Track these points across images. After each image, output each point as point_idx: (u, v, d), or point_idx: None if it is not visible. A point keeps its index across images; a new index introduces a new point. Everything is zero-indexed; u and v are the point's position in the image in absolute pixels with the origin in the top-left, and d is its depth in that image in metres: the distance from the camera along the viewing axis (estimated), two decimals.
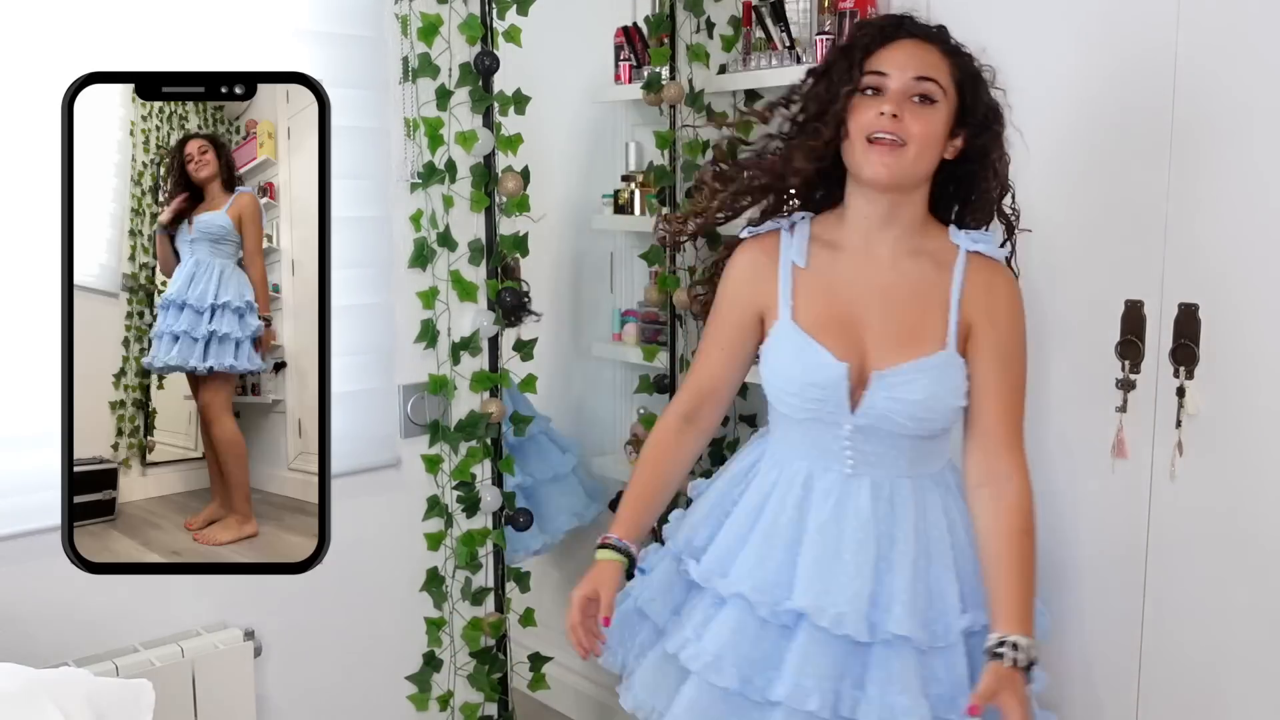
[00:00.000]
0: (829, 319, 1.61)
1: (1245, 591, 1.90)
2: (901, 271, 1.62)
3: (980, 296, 1.61)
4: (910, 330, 1.60)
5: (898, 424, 1.58)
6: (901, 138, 1.53)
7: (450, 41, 2.19)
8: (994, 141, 1.62)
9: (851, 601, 1.54)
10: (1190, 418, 1.92)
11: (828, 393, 1.58)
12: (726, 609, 1.60)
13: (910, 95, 1.55)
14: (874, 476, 1.61)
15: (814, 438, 1.63)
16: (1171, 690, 2.00)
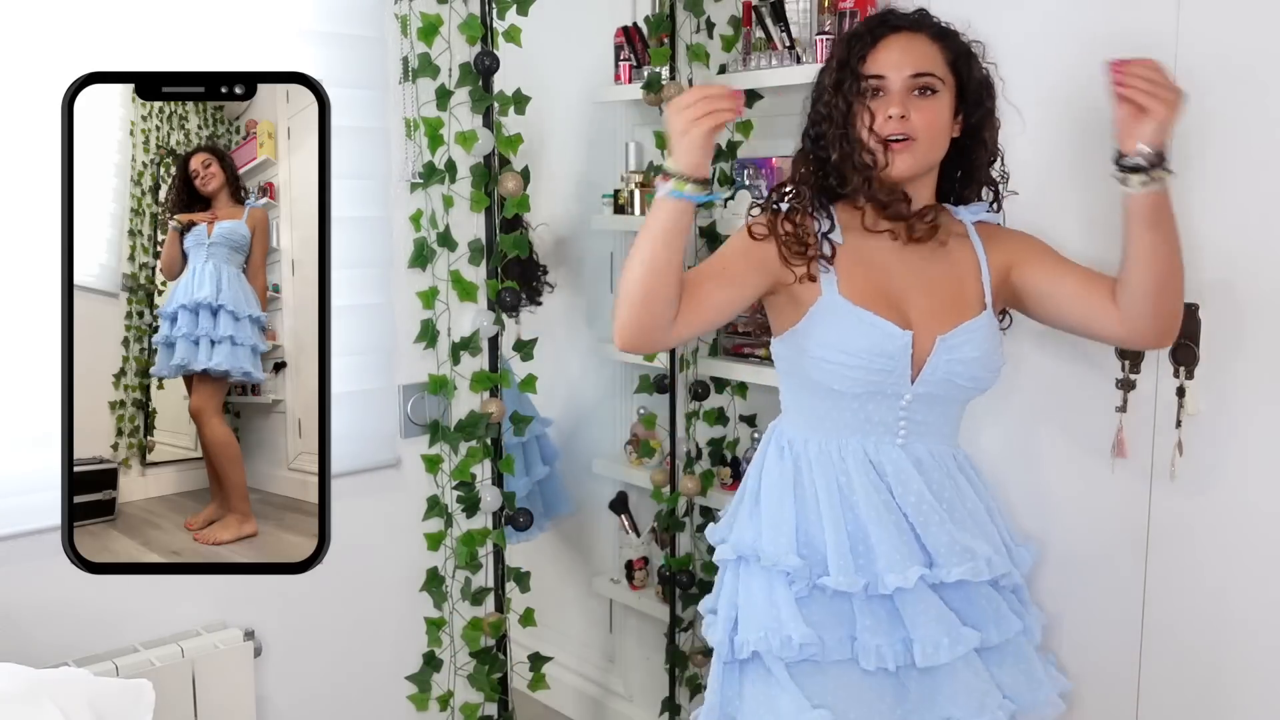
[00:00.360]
0: (875, 292, 1.64)
1: (1245, 591, 1.90)
2: (928, 248, 1.69)
3: (999, 248, 1.72)
4: (953, 297, 1.68)
5: (957, 387, 1.66)
6: (912, 134, 1.59)
7: (450, 41, 2.19)
8: (987, 117, 1.70)
9: (984, 546, 1.66)
10: (1190, 418, 1.92)
11: (894, 362, 1.61)
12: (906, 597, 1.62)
13: (911, 90, 1.60)
14: (926, 444, 1.69)
15: (868, 412, 1.65)
16: (1171, 690, 2.00)
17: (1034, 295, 1.72)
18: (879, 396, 1.64)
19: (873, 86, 1.61)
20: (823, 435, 1.68)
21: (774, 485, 1.69)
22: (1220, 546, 1.92)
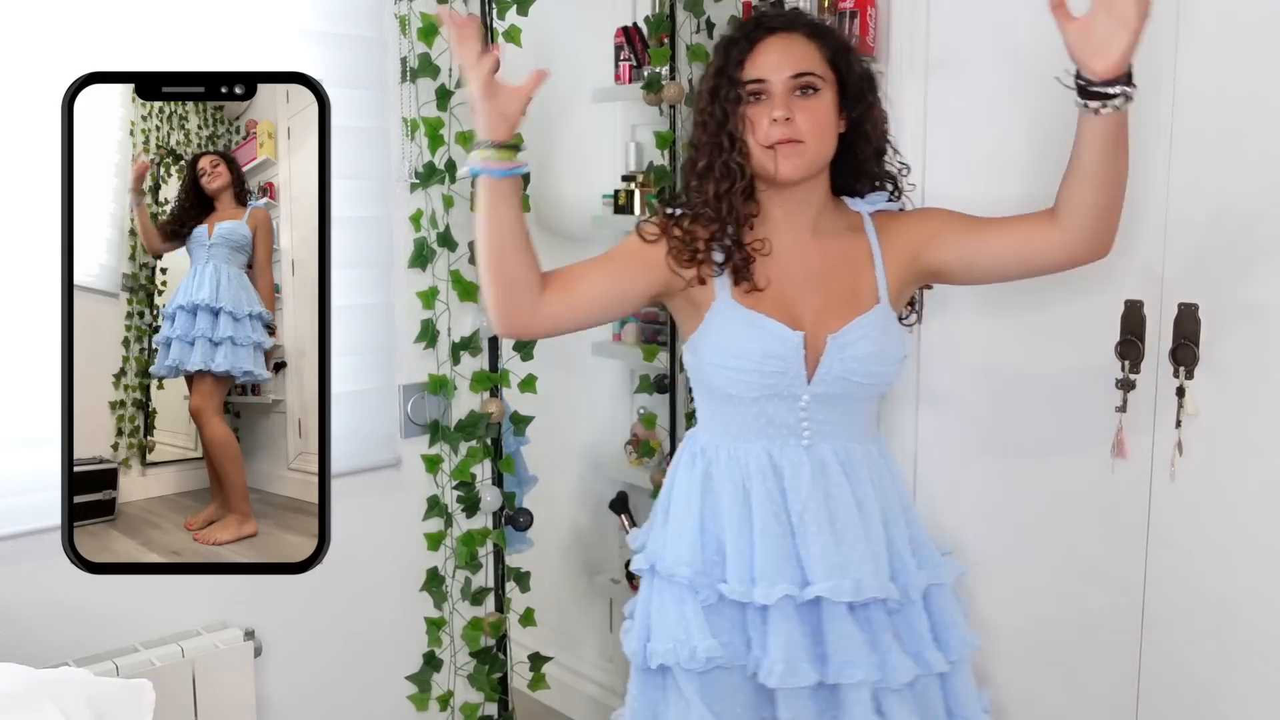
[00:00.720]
0: (772, 299, 1.64)
1: (1245, 591, 1.89)
2: (823, 246, 1.67)
3: (898, 238, 1.69)
4: (846, 295, 1.65)
5: (854, 384, 1.62)
6: (799, 136, 1.57)
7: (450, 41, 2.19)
8: (868, 110, 1.67)
9: (860, 566, 1.60)
10: (1190, 418, 1.92)
11: (786, 363, 1.60)
12: (773, 614, 1.60)
13: (793, 91, 1.58)
14: (831, 444, 1.65)
15: (769, 415, 1.64)
16: (1171, 690, 2.00)
17: (957, 264, 1.68)
18: (777, 399, 1.63)
19: (753, 91, 1.59)
20: (731, 441, 1.66)
21: (682, 493, 1.70)
22: (1220, 546, 1.92)
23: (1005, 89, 2.17)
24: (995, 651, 2.30)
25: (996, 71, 2.18)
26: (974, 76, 2.22)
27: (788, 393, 1.62)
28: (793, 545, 1.62)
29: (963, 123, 2.25)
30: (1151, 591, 2.01)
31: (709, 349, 1.64)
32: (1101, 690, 2.10)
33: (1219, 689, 1.94)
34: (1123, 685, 2.07)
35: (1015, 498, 2.17)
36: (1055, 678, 2.18)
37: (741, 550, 1.62)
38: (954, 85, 2.26)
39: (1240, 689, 1.92)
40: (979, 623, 2.06)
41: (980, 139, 2.22)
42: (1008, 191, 2.18)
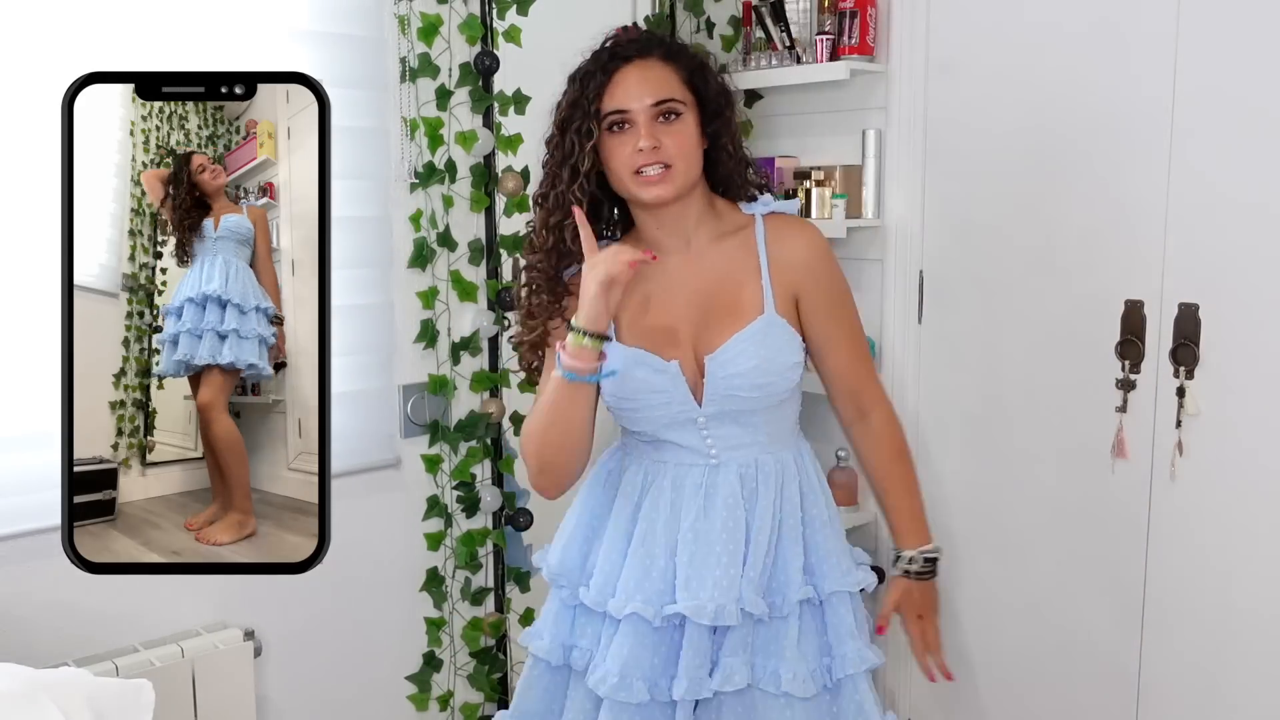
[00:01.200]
0: (650, 329, 1.63)
1: (1245, 591, 1.89)
2: (709, 262, 1.65)
3: (792, 255, 1.64)
4: (728, 309, 1.63)
5: (744, 399, 1.60)
6: (667, 160, 1.55)
7: (450, 41, 2.19)
8: (725, 125, 1.65)
9: (726, 592, 1.57)
10: (1190, 418, 1.92)
11: (669, 394, 1.60)
12: (622, 626, 1.60)
13: (656, 118, 1.57)
14: (738, 460, 1.63)
15: (674, 440, 1.63)
16: (1171, 690, 2.00)
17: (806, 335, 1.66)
18: (676, 425, 1.62)
19: (615, 121, 1.57)
20: (644, 462, 1.67)
21: (579, 503, 1.72)
22: (1220, 546, 1.92)
23: (1005, 89, 2.17)
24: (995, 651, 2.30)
25: (996, 71, 2.18)
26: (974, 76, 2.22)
27: (684, 418, 1.61)
28: (666, 565, 1.61)
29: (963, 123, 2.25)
30: (1151, 591, 2.01)
31: (606, 392, 1.62)
32: (1101, 690, 2.10)
33: (1219, 689, 1.94)
34: (1123, 685, 2.06)
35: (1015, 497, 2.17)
36: (1055, 677, 2.18)
37: (612, 562, 1.64)
38: (954, 85, 2.26)
39: (1240, 689, 1.92)
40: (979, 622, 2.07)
41: (980, 139, 2.23)
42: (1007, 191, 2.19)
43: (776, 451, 1.66)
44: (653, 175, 1.55)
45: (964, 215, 2.27)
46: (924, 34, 2.28)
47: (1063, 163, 2.08)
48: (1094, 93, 2.03)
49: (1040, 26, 2.10)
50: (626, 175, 1.56)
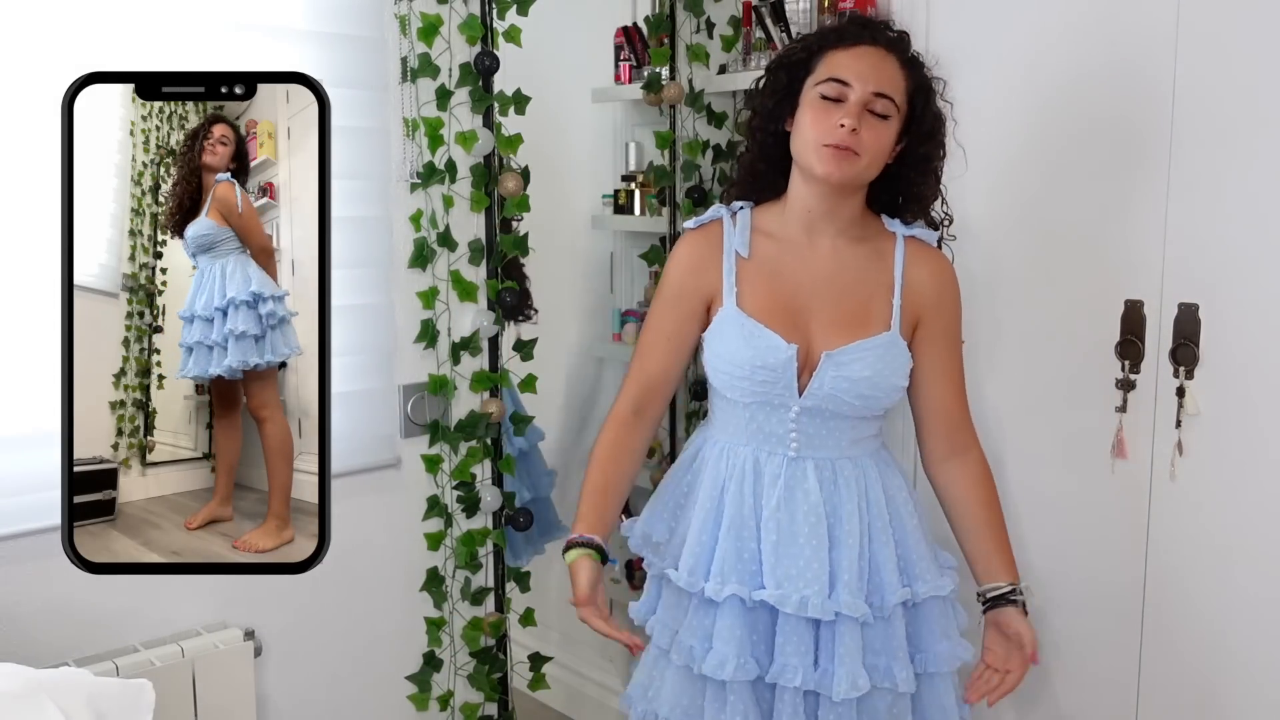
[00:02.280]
0: (773, 305, 1.65)
1: (1245, 591, 1.89)
2: (843, 260, 1.68)
3: (925, 283, 1.69)
4: (855, 314, 1.66)
5: (845, 403, 1.63)
6: (858, 150, 1.57)
7: (450, 41, 2.19)
8: (935, 150, 1.68)
9: (813, 584, 1.60)
10: (1190, 418, 1.92)
11: (776, 374, 1.62)
12: (724, 610, 1.64)
13: (867, 107, 1.58)
14: (817, 457, 1.66)
15: (760, 422, 1.67)
16: (1171, 690, 2.00)
17: (915, 363, 1.71)
18: (768, 407, 1.65)
19: (832, 93, 1.59)
20: (726, 440, 1.71)
21: (668, 480, 1.81)
22: (1220, 547, 1.92)
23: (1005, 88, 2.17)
24: None
25: (996, 71, 2.18)
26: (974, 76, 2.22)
27: (778, 402, 1.64)
28: (755, 549, 1.65)
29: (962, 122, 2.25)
30: (1151, 591, 2.01)
31: (710, 353, 1.70)
32: (1102, 690, 2.10)
33: (1219, 689, 1.94)
34: (1123, 685, 2.06)
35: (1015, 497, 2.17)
36: (1055, 677, 2.18)
37: (703, 544, 1.67)
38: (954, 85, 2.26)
39: (1240, 689, 1.92)
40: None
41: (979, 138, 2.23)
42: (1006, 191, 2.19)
43: (857, 458, 1.69)
44: (839, 154, 1.56)
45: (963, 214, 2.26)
46: (924, 33, 2.28)
47: (1063, 162, 2.08)
48: (1094, 92, 2.03)
49: (1040, 26, 2.10)
50: (813, 143, 1.58)
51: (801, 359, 1.64)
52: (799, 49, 1.65)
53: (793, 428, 1.65)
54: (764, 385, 1.64)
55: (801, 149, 1.61)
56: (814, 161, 1.59)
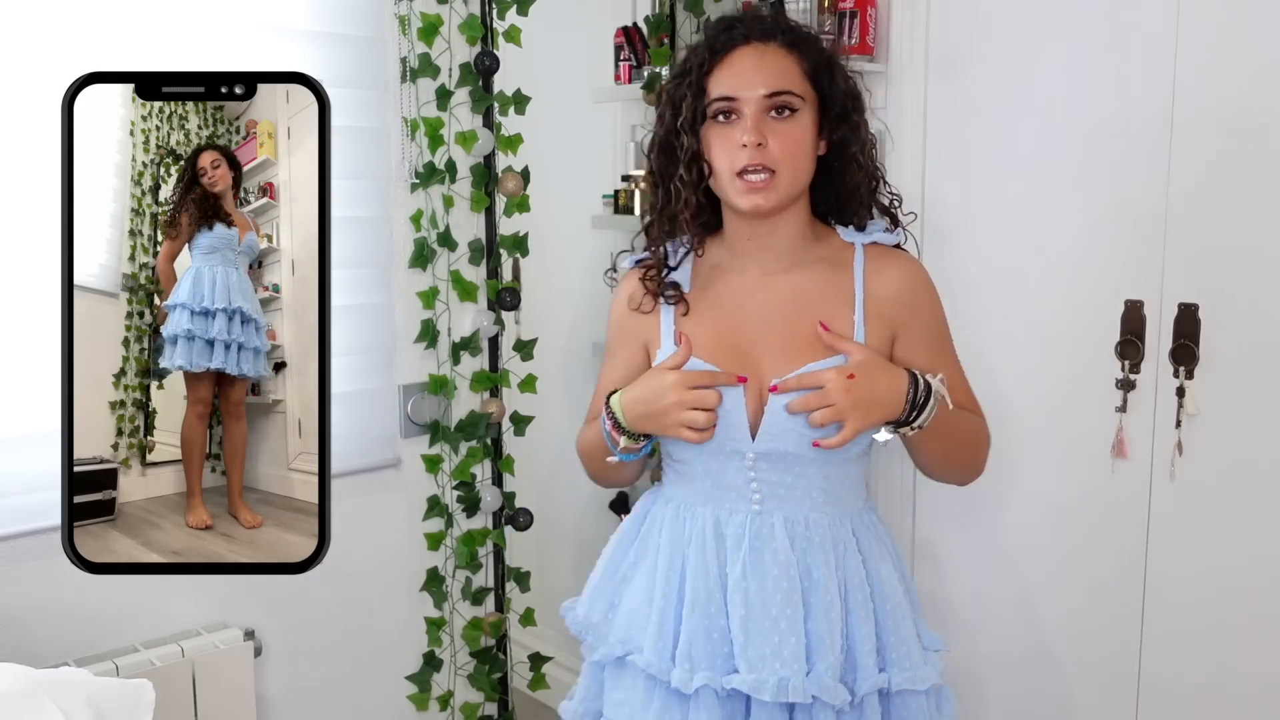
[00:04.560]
0: (717, 343, 1.47)
1: (1245, 591, 1.89)
2: (797, 284, 1.48)
3: (891, 289, 1.46)
4: (810, 338, 1.44)
5: (801, 448, 1.43)
6: (770, 165, 1.38)
7: (450, 41, 2.19)
8: (854, 132, 1.46)
9: (790, 664, 1.40)
10: (1190, 418, 1.92)
11: (725, 415, 1.42)
12: (697, 705, 1.43)
13: (767, 111, 1.40)
14: (785, 513, 1.45)
15: (715, 474, 1.47)
16: (1171, 690, 2.00)
17: None
18: (721, 455, 1.45)
19: (723, 109, 1.41)
20: (680, 498, 1.52)
21: (611, 551, 1.61)
22: (1220, 546, 1.92)
23: (1005, 89, 2.17)
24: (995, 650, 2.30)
25: (996, 71, 2.18)
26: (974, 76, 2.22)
27: (731, 449, 1.44)
28: (725, 626, 1.44)
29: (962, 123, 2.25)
30: (1151, 591, 2.01)
31: None
32: (1101, 690, 2.10)
33: (1219, 689, 1.94)
34: (1123, 685, 2.06)
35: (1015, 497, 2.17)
36: (1055, 677, 2.18)
37: (667, 621, 1.46)
38: (954, 85, 2.26)
39: (1240, 689, 1.92)
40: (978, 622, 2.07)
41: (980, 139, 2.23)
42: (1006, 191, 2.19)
43: (833, 512, 1.47)
44: (756, 181, 1.38)
45: (963, 215, 2.26)
46: (924, 34, 2.28)
47: (1063, 163, 2.08)
48: (1094, 92, 2.03)
49: (1040, 26, 2.10)
50: (726, 175, 1.40)
51: (753, 397, 1.43)
52: (684, 82, 1.44)
53: (752, 477, 1.45)
54: (714, 434, 1.43)
55: (717, 183, 1.43)
56: (732, 195, 1.41)
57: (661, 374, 1.44)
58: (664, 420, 1.42)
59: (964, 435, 1.50)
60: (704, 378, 1.42)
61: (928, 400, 1.39)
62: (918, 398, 1.39)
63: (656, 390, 1.43)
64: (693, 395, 1.41)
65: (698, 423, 1.40)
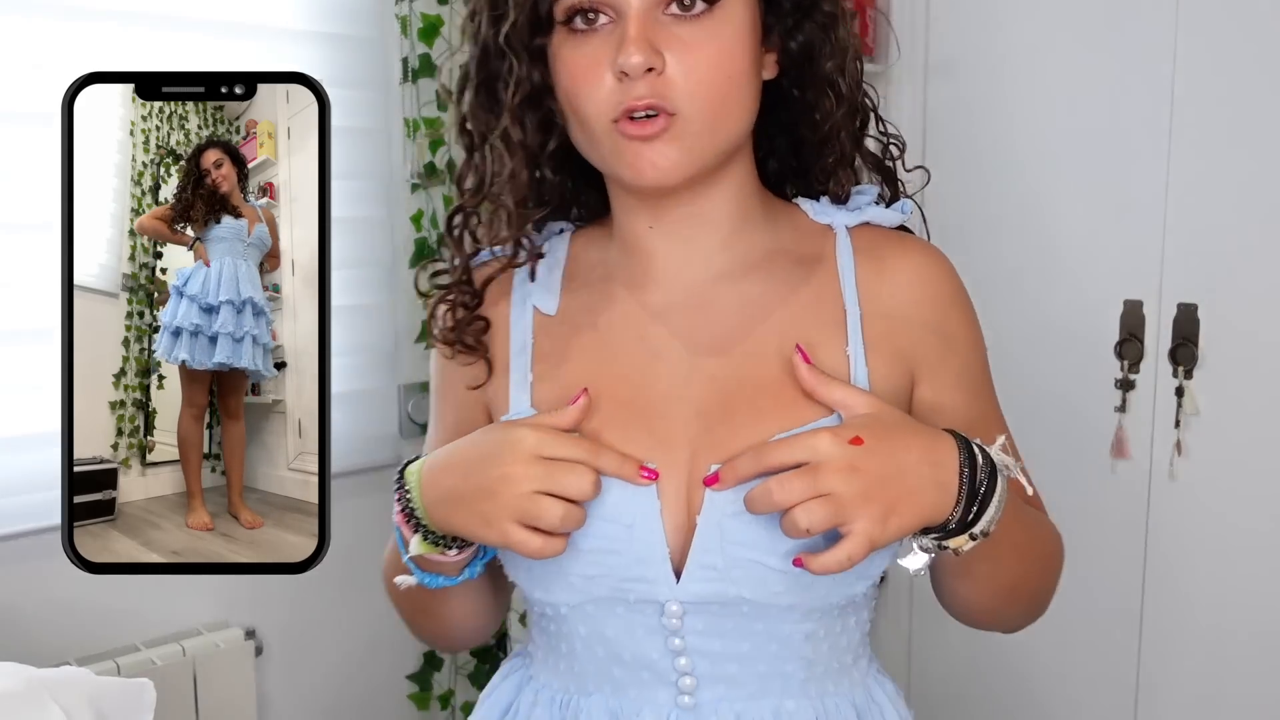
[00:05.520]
0: (609, 404, 0.85)
1: (1244, 591, 1.89)
2: (738, 298, 0.89)
3: (906, 298, 0.89)
4: (774, 388, 0.85)
5: (765, 588, 0.81)
6: (667, 103, 0.79)
7: (451, 41, 2.19)
8: (824, 34, 0.87)
9: None
10: (1190, 417, 1.92)
11: (626, 542, 0.82)
12: None
13: (662, 5, 0.80)
14: (738, 706, 0.85)
15: (614, 643, 0.86)
16: (1170, 690, 2.00)
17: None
18: (620, 607, 0.84)
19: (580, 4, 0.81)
20: (557, 682, 0.92)
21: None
22: (1219, 546, 1.92)
23: (1005, 89, 2.17)
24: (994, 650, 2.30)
25: (996, 72, 2.18)
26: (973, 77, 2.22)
27: (637, 597, 0.83)
28: None
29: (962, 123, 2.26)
30: (1150, 592, 2.01)
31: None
32: (1101, 690, 2.10)
33: (1218, 689, 1.94)
34: (1122, 685, 2.06)
35: None
36: (1054, 677, 2.18)
37: None
38: (954, 85, 2.26)
39: (1239, 689, 1.92)
40: None
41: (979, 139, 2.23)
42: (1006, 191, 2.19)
43: (823, 694, 0.87)
44: (647, 130, 0.79)
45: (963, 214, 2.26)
46: (924, 34, 2.28)
47: (1062, 163, 2.08)
48: (1093, 92, 2.03)
49: (1040, 26, 2.10)
50: (597, 123, 0.81)
51: (674, 503, 0.83)
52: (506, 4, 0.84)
53: (678, 646, 0.84)
54: (605, 569, 0.83)
55: (583, 141, 0.85)
56: (610, 158, 0.82)
57: (505, 430, 0.81)
58: (487, 507, 0.78)
59: (1038, 544, 1.00)
60: (579, 447, 0.80)
61: (992, 485, 0.78)
62: (976, 481, 0.78)
63: (488, 454, 0.80)
64: (547, 470, 0.78)
65: (545, 519, 0.77)
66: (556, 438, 0.80)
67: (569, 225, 0.98)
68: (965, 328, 0.94)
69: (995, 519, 0.79)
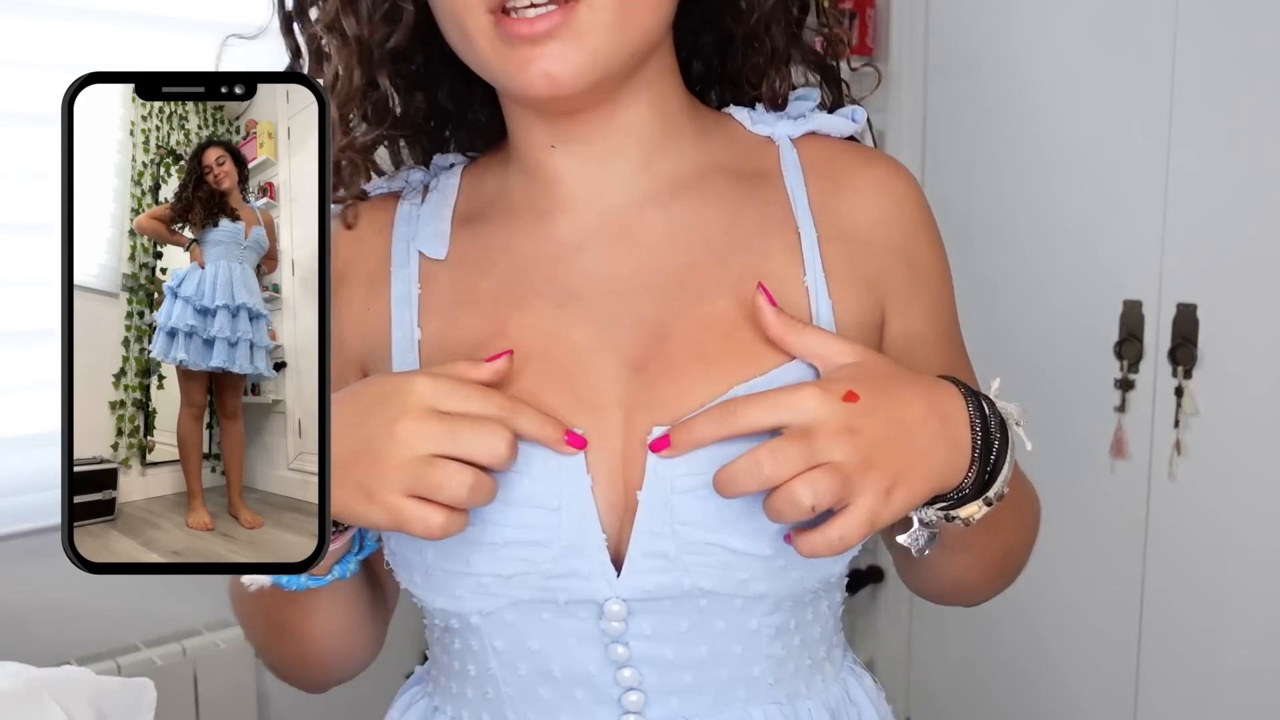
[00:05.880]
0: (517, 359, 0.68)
1: (1244, 591, 1.90)
2: (665, 225, 0.74)
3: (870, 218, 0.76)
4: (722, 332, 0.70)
5: (729, 576, 0.67)
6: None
7: None
8: None
9: None
10: (1189, 418, 1.92)
11: (550, 530, 0.67)
12: None
13: None
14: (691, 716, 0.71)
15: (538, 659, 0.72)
16: (1170, 690, 2.01)
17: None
18: (549, 610, 0.70)
19: None
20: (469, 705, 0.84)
21: None
22: (1219, 546, 1.92)
23: (1005, 89, 2.17)
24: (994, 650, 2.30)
25: (996, 72, 2.18)
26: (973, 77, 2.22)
27: (569, 596, 0.69)
28: None
29: (963, 123, 2.26)
30: (1150, 591, 2.01)
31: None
32: (1101, 690, 2.11)
33: (1217, 689, 1.94)
34: (1122, 685, 2.07)
35: None
36: (1054, 677, 2.18)
37: None
38: (954, 85, 2.26)
39: (1239, 689, 1.92)
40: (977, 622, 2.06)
41: (979, 139, 2.23)
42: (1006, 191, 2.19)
43: (794, 698, 0.74)
44: (535, 26, 0.64)
45: (963, 215, 2.27)
46: (923, 34, 2.28)
47: (1061, 163, 2.08)
48: (1093, 92, 2.03)
49: (1040, 26, 2.10)
50: (470, 15, 0.66)
51: (607, 478, 0.68)
52: None
53: (621, 656, 0.70)
54: (526, 565, 0.68)
55: (455, 39, 0.70)
56: (489, 63, 0.67)
57: (393, 379, 0.65)
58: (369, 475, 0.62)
59: (1030, 504, 0.84)
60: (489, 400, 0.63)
61: (1005, 439, 0.71)
62: (990, 437, 0.69)
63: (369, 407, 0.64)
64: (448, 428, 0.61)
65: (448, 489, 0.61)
66: (459, 387, 0.62)
67: (463, 159, 0.82)
68: (936, 256, 0.81)
69: (1009, 478, 0.67)
